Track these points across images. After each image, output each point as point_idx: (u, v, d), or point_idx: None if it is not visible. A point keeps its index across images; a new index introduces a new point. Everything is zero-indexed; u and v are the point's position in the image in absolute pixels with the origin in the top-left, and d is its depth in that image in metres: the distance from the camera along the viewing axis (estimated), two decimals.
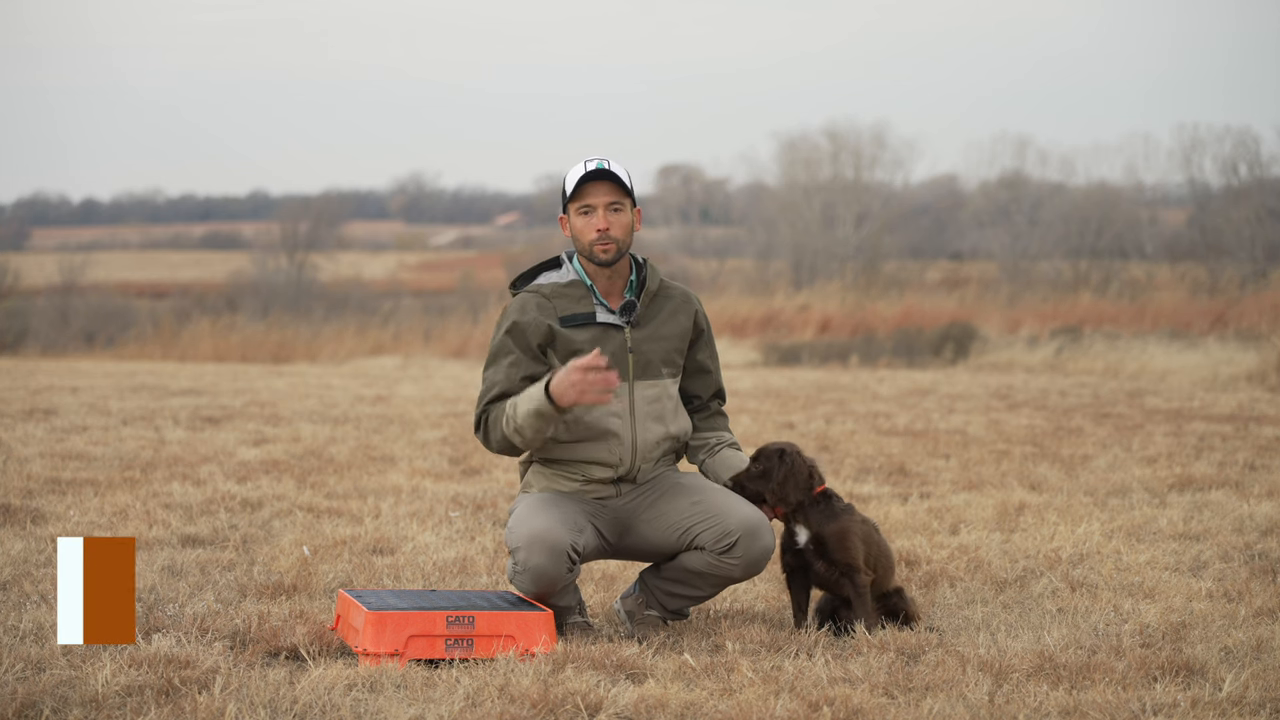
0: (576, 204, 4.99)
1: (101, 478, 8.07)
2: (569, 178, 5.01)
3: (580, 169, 4.98)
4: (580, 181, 4.97)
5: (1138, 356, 19.65)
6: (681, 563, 5.02)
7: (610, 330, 5.01)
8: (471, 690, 4.19)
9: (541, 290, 5.04)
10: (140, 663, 4.31)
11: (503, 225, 77.68)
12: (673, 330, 5.09)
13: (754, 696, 4.14)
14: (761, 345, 24.69)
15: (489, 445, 4.97)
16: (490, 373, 5.00)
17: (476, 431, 5.00)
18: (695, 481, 5.08)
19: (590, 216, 4.98)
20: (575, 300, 5.02)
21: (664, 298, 5.12)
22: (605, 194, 4.98)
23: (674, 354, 5.09)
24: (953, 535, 6.74)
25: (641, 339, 5.03)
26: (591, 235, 4.97)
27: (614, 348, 4.99)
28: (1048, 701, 4.12)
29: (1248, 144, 33.74)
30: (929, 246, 43.29)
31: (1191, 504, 7.51)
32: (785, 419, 12.18)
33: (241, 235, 63.35)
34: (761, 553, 4.93)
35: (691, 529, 4.96)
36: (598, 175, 4.96)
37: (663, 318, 5.09)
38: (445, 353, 26.16)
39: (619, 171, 4.98)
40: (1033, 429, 11.32)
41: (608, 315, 5.02)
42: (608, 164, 4.98)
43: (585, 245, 4.99)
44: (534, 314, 4.98)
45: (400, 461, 9.19)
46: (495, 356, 5.00)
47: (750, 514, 4.94)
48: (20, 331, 31.35)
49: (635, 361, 5.01)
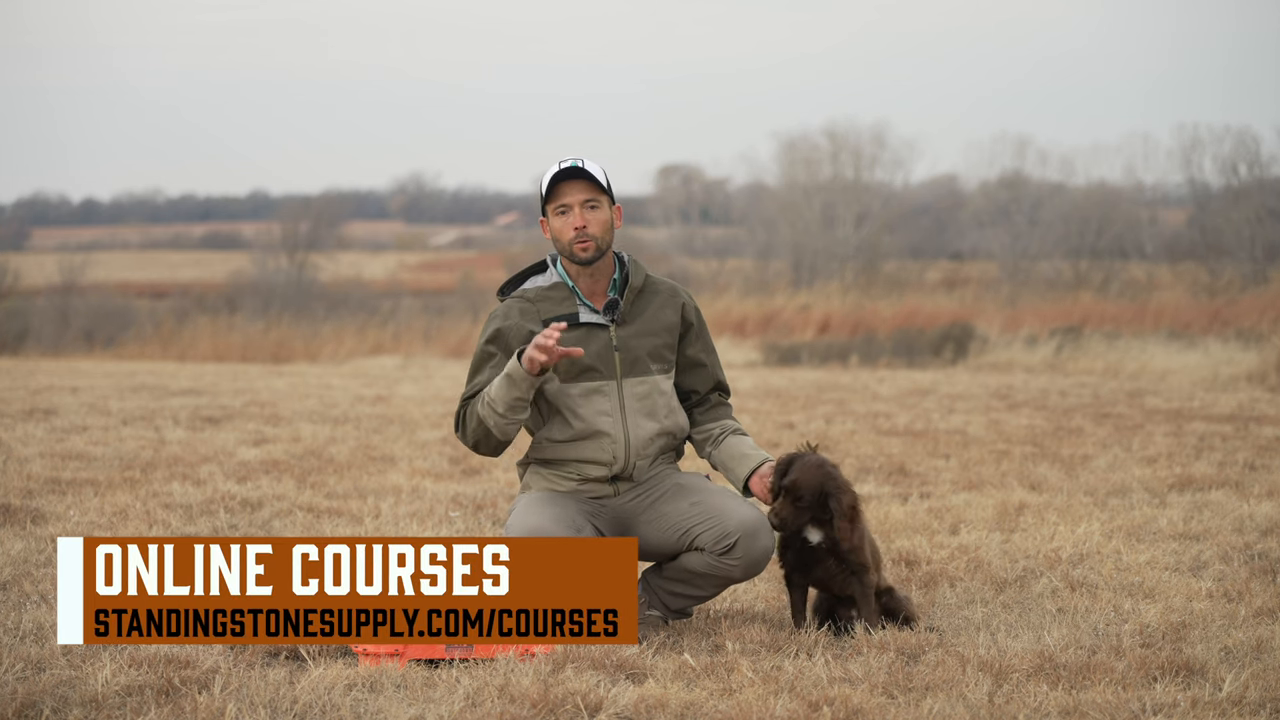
0: (553, 204, 4.99)
1: (101, 478, 8.07)
2: (544, 179, 5.00)
3: (554, 169, 4.98)
4: (554, 181, 4.96)
5: (1138, 356, 19.65)
6: (682, 563, 5.02)
7: (595, 330, 5.01)
8: (471, 690, 4.19)
9: (525, 295, 5.06)
10: (140, 663, 4.31)
11: (503, 225, 77.68)
12: (659, 325, 5.07)
13: (754, 696, 4.14)
14: (761, 345, 24.69)
15: (465, 439, 4.98)
16: (471, 376, 5.04)
17: (456, 430, 5.02)
18: (695, 482, 5.08)
19: (567, 215, 4.97)
20: (558, 302, 5.03)
21: (650, 293, 5.11)
22: (580, 192, 4.97)
23: (663, 349, 5.07)
24: (953, 535, 6.74)
25: (627, 336, 5.02)
26: (569, 234, 4.97)
27: (599, 347, 4.98)
28: (1048, 701, 4.12)
29: (1248, 144, 33.76)
30: (929, 246, 43.29)
31: (1191, 504, 7.51)
32: (785, 419, 12.18)
33: (241, 235, 63.34)
34: (761, 553, 4.93)
35: (691, 530, 4.96)
36: (571, 174, 4.96)
37: (649, 313, 5.08)
38: (445, 353, 26.16)
39: (593, 169, 4.97)
40: (1033, 429, 11.32)
41: (591, 315, 5.02)
42: (581, 162, 4.97)
43: (564, 245, 4.99)
44: (516, 319, 5.00)
45: (400, 461, 9.19)
46: (479, 361, 5.03)
47: (749, 515, 4.93)
48: (20, 331, 31.35)
49: (622, 359, 5.00)
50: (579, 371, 4.97)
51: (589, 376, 4.97)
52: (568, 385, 4.97)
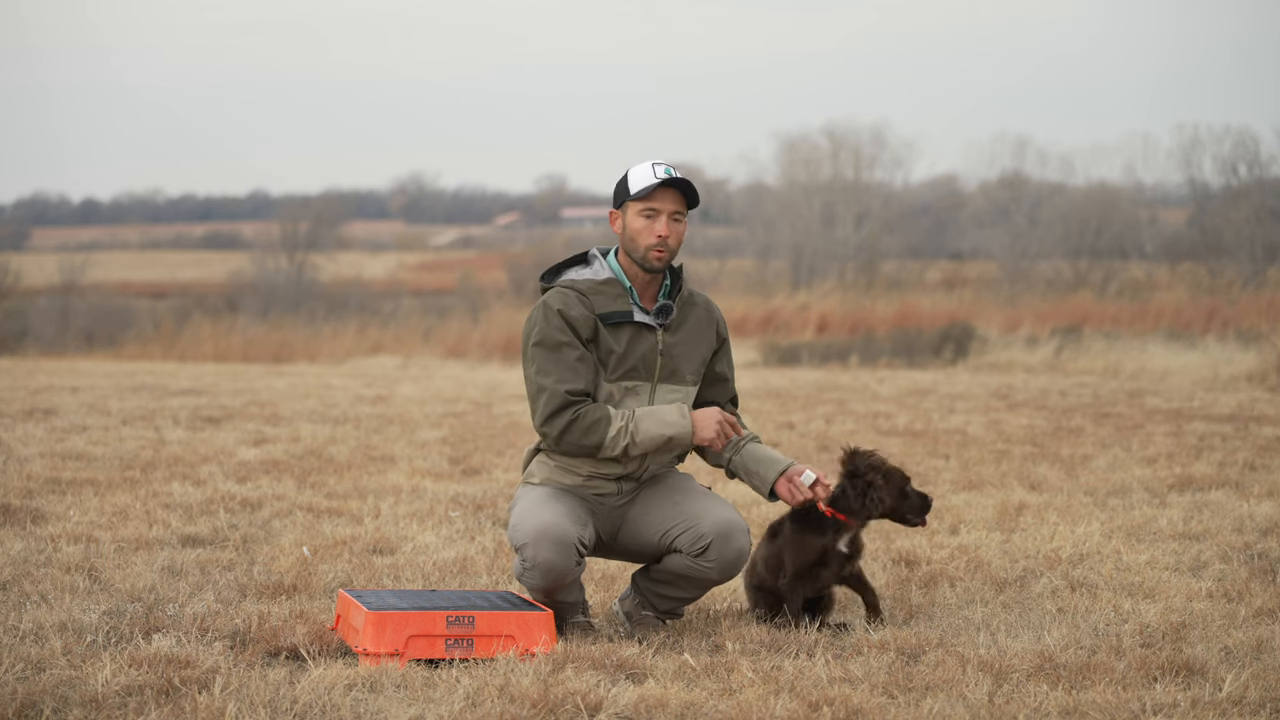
0: (642, 205, 4.96)
1: (101, 478, 8.07)
2: (636, 176, 4.96)
3: (649, 171, 4.95)
4: (653, 185, 4.95)
5: (1138, 356, 19.66)
6: (665, 565, 5.03)
7: (643, 331, 5.01)
8: (471, 690, 4.18)
9: (576, 286, 5.00)
10: (140, 663, 4.31)
11: (503, 225, 77.72)
12: (701, 342, 5.10)
13: (754, 696, 4.14)
14: (761, 345, 24.69)
15: (560, 443, 4.90)
16: (555, 366, 4.90)
17: (546, 423, 4.89)
18: (680, 483, 5.07)
19: (654, 221, 4.96)
20: (612, 298, 5.00)
21: (689, 304, 5.13)
22: (673, 202, 4.97)
23: (700, 364, 5.10)
24: (953, 535, 6.74)
25: (673, 344, 5.03)
26: (651, 240, 4.95)
27: (645, 349, 4.98)
28: (1048, 701, 4.12)
29: (1247, 144, 33.78)
30: (929, 246, 43.30)
31: (1191, 504, 7.51)
32: (785, 419, 12.18)
33: (241, 235, 63.37)
34: (736, 555, 4.92)
35: (669, 531, 4.97)
36: (672, 183, 4.95)
37: (691, 326, 5.08)
38: (445, 353, 26.16)
39: (694, 186, 4.98)
40: (1033, 429, 11.32)
41: (643, 316, 5.02)
42: (684, 177, 4.97)
43: (640, 247, 4.96)
44: (579, 309, 4.95)
45: (400, 461, 9.18)
46: (555, 349, 4.90)
47: (724, 516, 4.93)
48: (20, 331, 31.36)
49: (663, 365, 5.00)
50: (624, 371, 4.96)
51: (630, 376, 4.97)
52: (605, 382, 4.96)
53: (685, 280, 5.13)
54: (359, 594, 4.80)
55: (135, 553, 6.06)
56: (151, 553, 6.08)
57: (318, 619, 4.90)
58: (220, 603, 5.21)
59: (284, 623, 4.79)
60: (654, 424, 4.87)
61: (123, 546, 6.17)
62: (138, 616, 4.91)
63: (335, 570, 5.83)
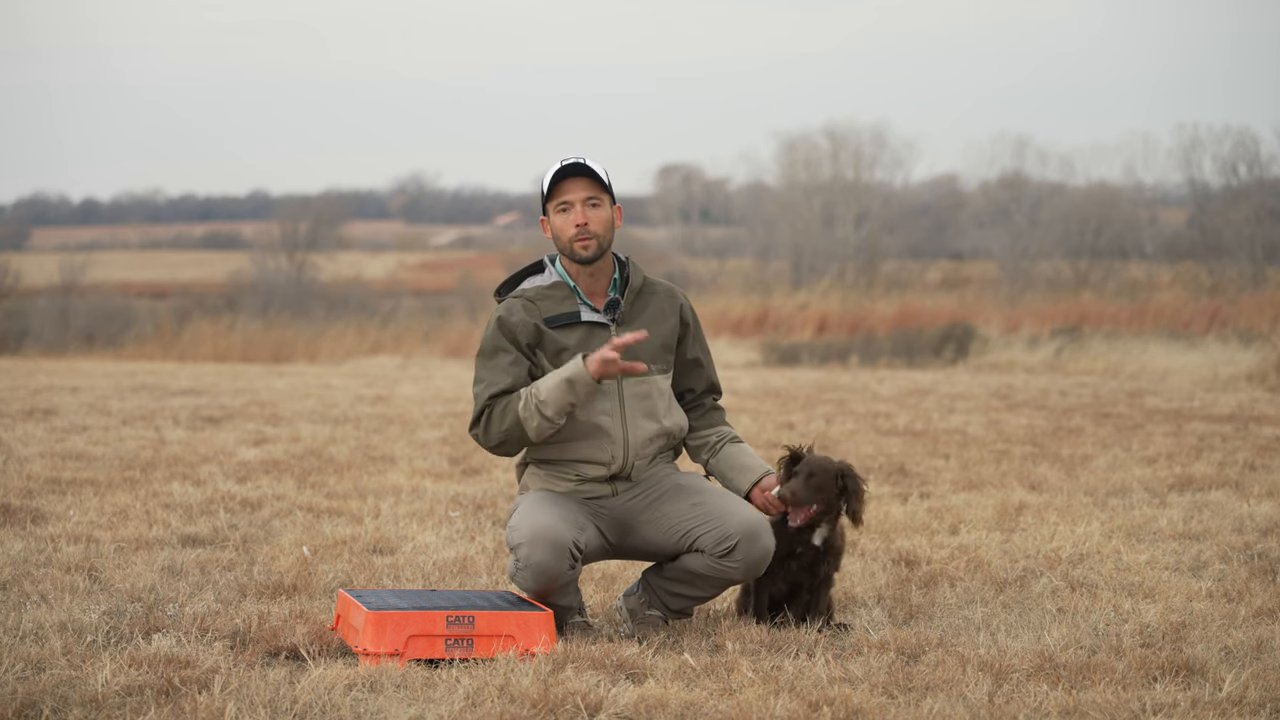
0: (554, 201, 4.98)
1: (101, 478, 8.07)
2: (545, 177, 5.00)
3: (556, 166, 4.98)
4: (556, 178, 4.96)
5: (1138, 356, 19.66)
6: (683, 564, 5.01)
7: (596, 329, 5.01)
8: (471, 690, 4.18)
9: (525, 294, 5.04)
10: (140, 663, 4.31)
11: (502, 225, 77.67)
12: (659, 326, 5.08)
13: (754, 696, 4.14)
14: (761, 345, 24.69)
15: (487, 438, 4.94)
16: (488, 372, 4.97)
17: (473, 428, 4.97)
18: (695, 482, 5.07)
19: (568, 213, 4.97)
20: (559, 301, 5.01)
21: (648, 294, 5.11)
22: (582, 189, 4.97)
23: (663, 351, 5.08)
24: (953, 535, 6.74)
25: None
26: (570, 231, 4.96)
27: (598, 345, 4.98)
28: (1048, 701, 4.12)
29: (1247, 144, 33.78)
30: (929, 246, 43.30)
31: (1191, 504, 7.51)
32: (785, 419, 12.18)
33: (241, 235, 63.36)
34: (762, 555, 4.93)
35: (691, 531, 4.96)
36: (573, 171, 4.96)
37: (648, 314, 5.08)
38: (445, 353, 26.16)
39: (595, 167, 4.97)
40: (1033, 429, 11.32)
41: (592, 314, 5.02)
42: (583, 160, 4.97)
43: (565, 242, 4.98)
44: (520, 315, 4.98)
45: (400, 461, 9.18)
46: (491, 355, 4.97)
47: (750, 516, 4.93)
48: (20, 331, 31.36)
49: (622, 359, 5.00)
50: None
51: None
52: None
53: (636, 271, 5.10)
54: (359, 594, 4.80)
55: (135, 553, 6.06)
56: (151, 553, 6.08)
57: (318, 619, 4.90)
58: (220, 603, 5.21)
59: (284, 623, 4.79)
60: (553, 375, 4.87)
61: (123, 546, 6.18)
62: (138, 616, 4.91)
63: (335, 570, 5.83)
